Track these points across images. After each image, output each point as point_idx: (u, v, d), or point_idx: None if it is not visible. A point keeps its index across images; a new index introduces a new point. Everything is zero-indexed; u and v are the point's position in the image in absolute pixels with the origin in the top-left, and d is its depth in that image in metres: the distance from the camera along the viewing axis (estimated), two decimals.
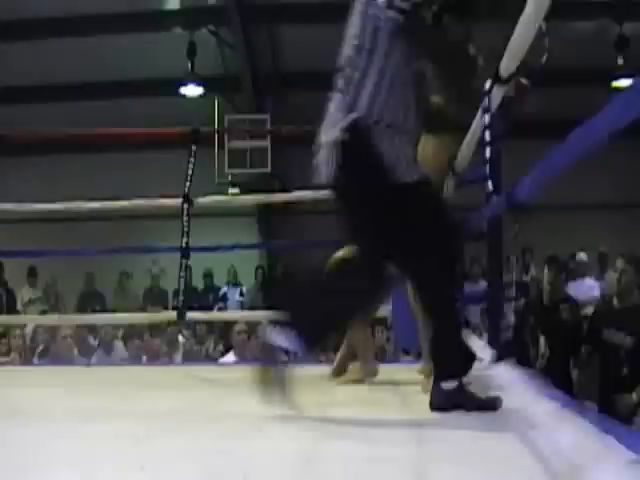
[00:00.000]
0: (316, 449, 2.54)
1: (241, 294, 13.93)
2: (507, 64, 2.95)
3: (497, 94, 3.27)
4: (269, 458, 2.41)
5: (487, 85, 3.41)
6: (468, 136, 4.31)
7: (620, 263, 8.58)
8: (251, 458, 2.41)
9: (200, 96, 14.03)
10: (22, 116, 13.10)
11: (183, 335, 9.67)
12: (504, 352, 3.89)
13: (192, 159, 6.01)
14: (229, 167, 13.82)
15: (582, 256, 11.35)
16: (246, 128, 13.50)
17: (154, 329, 9.19)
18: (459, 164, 4.45)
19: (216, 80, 13.86)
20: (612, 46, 12.40)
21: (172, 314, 6.31)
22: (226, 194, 12.72)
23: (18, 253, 11.08)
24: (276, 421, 2.88)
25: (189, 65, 13.39)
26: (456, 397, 3.09)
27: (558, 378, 6.54)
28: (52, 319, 9.59)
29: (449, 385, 3.09)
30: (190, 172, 5.98)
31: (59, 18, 12.60)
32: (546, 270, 7.85)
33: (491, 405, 3.05)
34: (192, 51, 13.26)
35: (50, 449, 2.59)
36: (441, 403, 3.09)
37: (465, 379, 3.15)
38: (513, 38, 2.71)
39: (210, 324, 10.64)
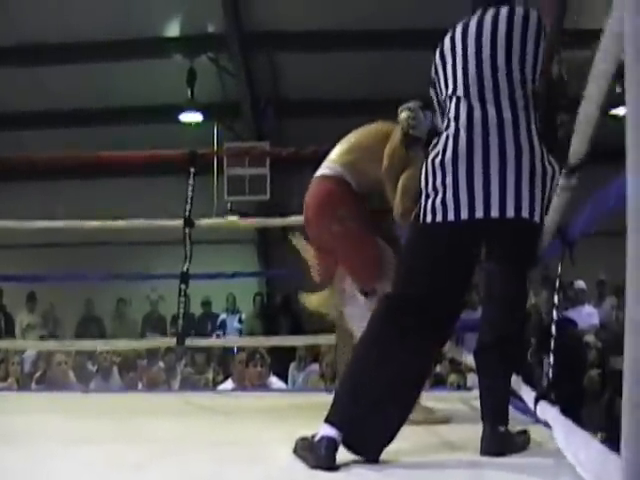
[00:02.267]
0: (313, 477, 2.53)
1: (240, 321, 13.91)
2: (575, 149, 2.76)
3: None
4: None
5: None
6: None
7: (612, 300, 8.62)
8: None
9: (199, 123, 14.07)
10: (21, 141, 13.14)
11: (182, 362, 9.64)
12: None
13: (191, 181, 6.02)
14: (228, 194, 13.83)
15: (580, 283, 11.34)
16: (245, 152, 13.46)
17: (151, 357, 9.16)
18: None
19: (215, 107, 13.89)
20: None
21: (171, 340, 6.29)
22: None
23: (17, 278, 11.06)
24: (273, 448, 2.87)
25: (189, 92, 13.40)
26: (509, 440, 2.98)
27: (565, 402, 6.51)
28: (50, 345, 9.56)
29: (503, 428, 2.97)
30: (190, 194, 5.98)
31: (59, 44, 12.64)
32: (543, 292, 7.88)
33: (526, 443, 3.02)
34: (192, 78, 13.28)
35: (45, 475, 2.58)
36: (500, 447, 2.92)
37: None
38: (578, 122, 2.60)
39: (209, 354, 10.60)
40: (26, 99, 13.59)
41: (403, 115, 3.81)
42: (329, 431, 2.70)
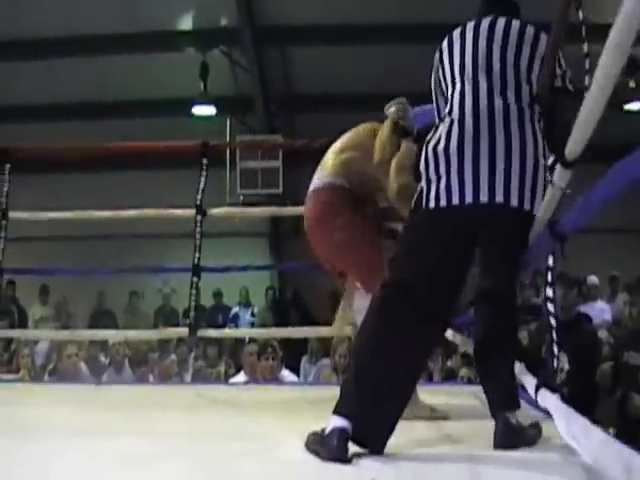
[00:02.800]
0: (324, 470, 2.53)
1: (252, 314, 13.93)
2: (573, 146, 2.79)
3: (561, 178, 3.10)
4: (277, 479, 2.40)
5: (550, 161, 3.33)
6: None
7: (624, 297, 8.57)
8: (262, 477, 2.40)
9: (212, 117, 14.08)
10: (34, 134, 13.14)
11: (193, 353, 9.65)
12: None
13: (204, 172, 6.03)
14: (241, 187, 13.82)
15: (593, 279, 11.32)
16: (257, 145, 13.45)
17: (163, 350, 9.17)
18: None
19: (228, 101, 13.89)
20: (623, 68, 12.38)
21: (184, 330, 6.31)
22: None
23: (29, 271, 11.09)
24: (285, 442, 2.88)
25: (201, 85, 13.40)
26: (521, 433, 2.94)
27: (579, 397, 6.50)
28: (63, 335, 9.58)
29: (513, 419, 2.92)
30: (202, 185, 5.99)
31: (72, 37, 12.66)
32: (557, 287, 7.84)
33: (538, 436, 3.00)
34: (204, 72, 13.27)
35: (55, 467, 2.60)
36: (512, 441, 2.88)
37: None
38: (578, 121, 2.62)
39: (221, 346, 10.61)
40: (36, 92, 13.60)
41: (392, 108, 3.89)
42: (339, 422, 2.70)
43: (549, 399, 3.06)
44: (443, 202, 3.02)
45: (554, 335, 3.44)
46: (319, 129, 11.38)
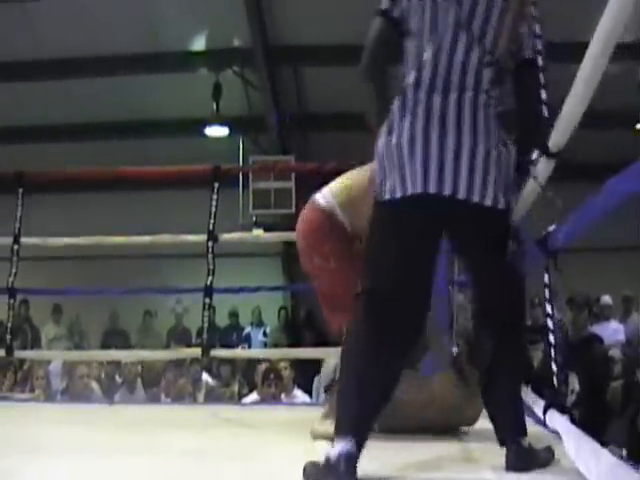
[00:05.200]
0: None
1: (265, 334, 13.94)
2: (556, 138, 2.82)
3: (544, 168, 3.11)
4: None
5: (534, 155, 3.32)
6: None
7: (638, 316, 8.51)
8: None
9: (225, 137, 14.13)
10: (45, 155, 13.22)
11: (209, 374, 9.66)
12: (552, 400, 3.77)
13: (215, 196, 6.04)
14: (253, 208, 13.86)
15: (606, 299, 11.28)
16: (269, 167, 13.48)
17: (177, 370, 9.18)
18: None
19: (241, 121, 13.94)
20: (637, 88, 12.37)
21: (197, 351, 6.31)
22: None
23: (43, 291, 11.12)
24: (297, 464, 2.87)
25: (214, 106, 13.46)
26: (534, 455, 2.90)
27: (590, 418, 6.49)
28: (76, 355, 9.62)
29: (525, 442, 2.88)
30: (214, 209, 6.00)
31: (85, 57, 12.74)
32: (567, 310, 7.87)
33: (550, 459, 2.93)
34: (217, 92, 13.33)
35: None
36: (525, 463, 2.85)
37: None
38: (564, 112, 2.65)
39: (234, 366, 10.61)
40: (52, 112, 13.68)
41: None
42: (345, 446, 2.61)
43: (558, 420, 3.05)
44: (399, 193, 2.85)
45: (553, 353, 3.44)
46: (332, 148, 11.45)
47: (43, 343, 12.92)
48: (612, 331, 10.52)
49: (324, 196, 3.97)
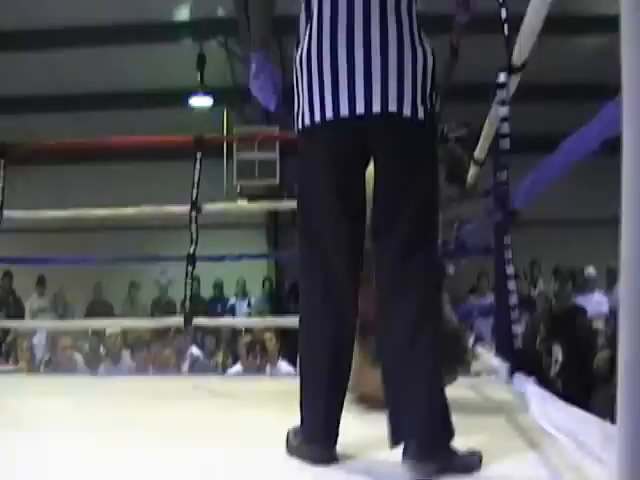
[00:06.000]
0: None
1: (249, 305, 13.96)
2: (519, 52, 2.85)
3: (512, 84, 3.15)
4: (269, 470, 2.40)
5: (502, 77, 3.33)
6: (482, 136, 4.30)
7: None
8: (252, 469, 2.40)
9: (210, 107, 14.08)
10: (30, 125, 13.14)
11: (197, 346, 9.66)
12: (517, 363, 3.79)
13: (197, 166, 6.02)
14: (238, 178, 13.83)
15: (590, 271, 11.33)
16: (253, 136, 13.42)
17: (162, 339, 9.18)
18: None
19: (225, 92, 13.88)
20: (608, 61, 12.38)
21: (179, 320, 6.31)
22: None
23: (26, 261, 11.10)
24: (278, 434, 2.87)
25: (198, 76, 13.40)
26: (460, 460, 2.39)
27: (574, 388, 6.51)
28: (59, 325, 9.61)
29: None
30: (196, 179, 5.99)
31: (70, 28, 12.62)
32: (552, 281, 7.91)
33: (475, 465, 2.38)
34: (201, 62, 13.28)
35: (52, 457, 2.59)
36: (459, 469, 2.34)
37: None
38: (523, 27, 2.68)
39: (218, 337, 10.62)
40: (34, 83, 13.59)
41: None
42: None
43: (525, 383, 3.06)
44: (317, 117, 2.58)
45: (514, 314, 3.45)
46: None
47: (27, 315, 12.89)
48: (596, 303, 10.57)
49: None
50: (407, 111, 2.48)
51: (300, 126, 2.66)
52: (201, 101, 13.97)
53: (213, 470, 2.44)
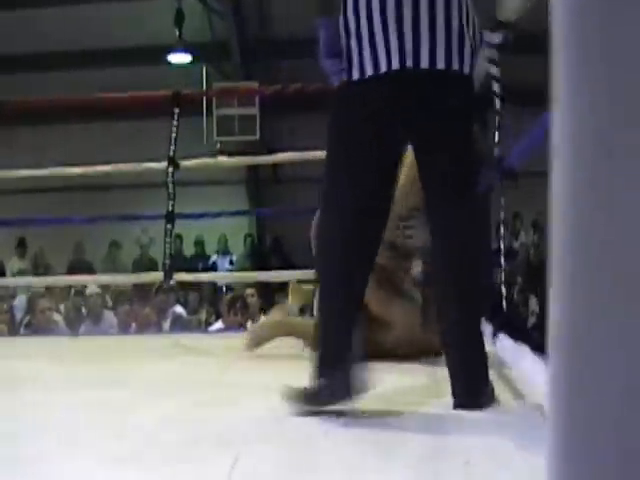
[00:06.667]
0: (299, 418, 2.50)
1: (231, 262, 13.94)
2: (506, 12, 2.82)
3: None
4: (248, 427, 2.38)
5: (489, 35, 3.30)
6: None
7: None
8: (232, 426, 2.38)
9: (188, 64, 13.98)
10: (4, 85, 13.00)
11: (180, 304, 9.64)
12: (500, 324, 3.77)
13: (175, 122, 5.95)
14: (217, 135, 13.76)
15: None
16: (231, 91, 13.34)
17: (144, 297, 9.13)
18: None
19: (204, 47, 13.78)
20: None
21: (159, 275, 6.26)
22: None
23: (5, 222, 11.03)
24: (258, 390, 2.84)
25: (177, 32, 13.28)
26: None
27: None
28: (39, 281, 9.57)
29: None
30: (174, 136, 5.91)
31: None
32: (531, 233, 7.97)
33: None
34: (180, 18, 13.15)
35: (32, 418, 2.58)
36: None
37: None
38: None
39: (201, 295, 10.60)
40: (11, 41, 13.45)
41: None
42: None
43: (506, 343, 3.05)
44: (369, 71, 2.59)
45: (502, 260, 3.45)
46: (297, 75, 11.30)
47: (8, 277, 12.85)
48: None
49: None
50: (456, 65, 2.56)
51: (358, 75, 2.61)
52: (180, 58, 13.88)
53: (190, 424, 2.41)
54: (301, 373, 2.58)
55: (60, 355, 4.55)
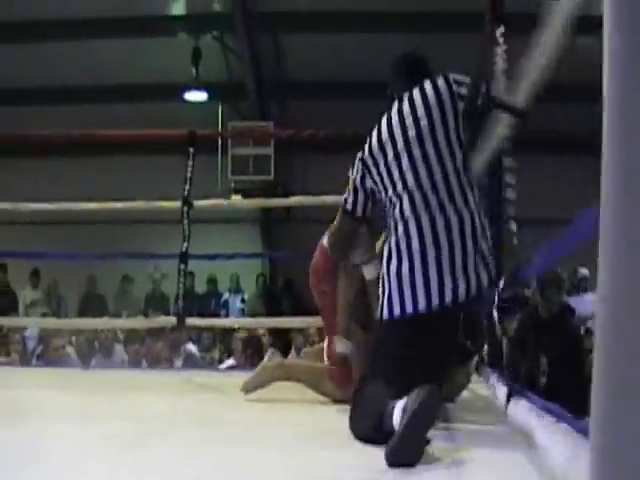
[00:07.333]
0: (308, 457, 2.53)
1: (242, 301, 13.95)
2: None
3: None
4: (257, 465, 2.40)
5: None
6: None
7: None
8: (240, 464, 2.41)
9: (204, 102, 14.07)
10: (21, 118, 13.10)
11: (193, 342, 9.64)
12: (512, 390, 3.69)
13: (190, 162, 5.97)
14: (232, 174, 13.82)
15: (583, 271, 11.33)
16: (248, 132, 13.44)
17: (156, 334, 9.15)
18: None
19: (220, 87, 13.89)
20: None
21: (172, 319, 6.25)
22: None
23: (21, 255, 11.08)
24: (267, 427, 2.88)
25: (193, 71, 13.38)
26: None
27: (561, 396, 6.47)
28: (53, 322, 9.58)
29: None
30: (189, 175, 5.93)
31: (62, 20, 12.62)
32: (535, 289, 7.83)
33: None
34: (197, 57, 13.25)
35: (41, 449, 2.59)
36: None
37: None
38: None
39: (214, 332, 10.61)
40: (27, 75, 13.58)
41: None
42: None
43: (521, 408, 2.97)
44: (422, 306, 2.90)
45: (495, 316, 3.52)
46: (311, 116, 11.41)
47: (21, 308, 12.90)
48: (589, 303, 10.54)
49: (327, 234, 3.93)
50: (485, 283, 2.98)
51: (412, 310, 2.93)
52: (196, 96, 13.97)
53: (199, 460, 2.45)
54: (308, 412, 2.61)
55: (71, 387, 4.59)
